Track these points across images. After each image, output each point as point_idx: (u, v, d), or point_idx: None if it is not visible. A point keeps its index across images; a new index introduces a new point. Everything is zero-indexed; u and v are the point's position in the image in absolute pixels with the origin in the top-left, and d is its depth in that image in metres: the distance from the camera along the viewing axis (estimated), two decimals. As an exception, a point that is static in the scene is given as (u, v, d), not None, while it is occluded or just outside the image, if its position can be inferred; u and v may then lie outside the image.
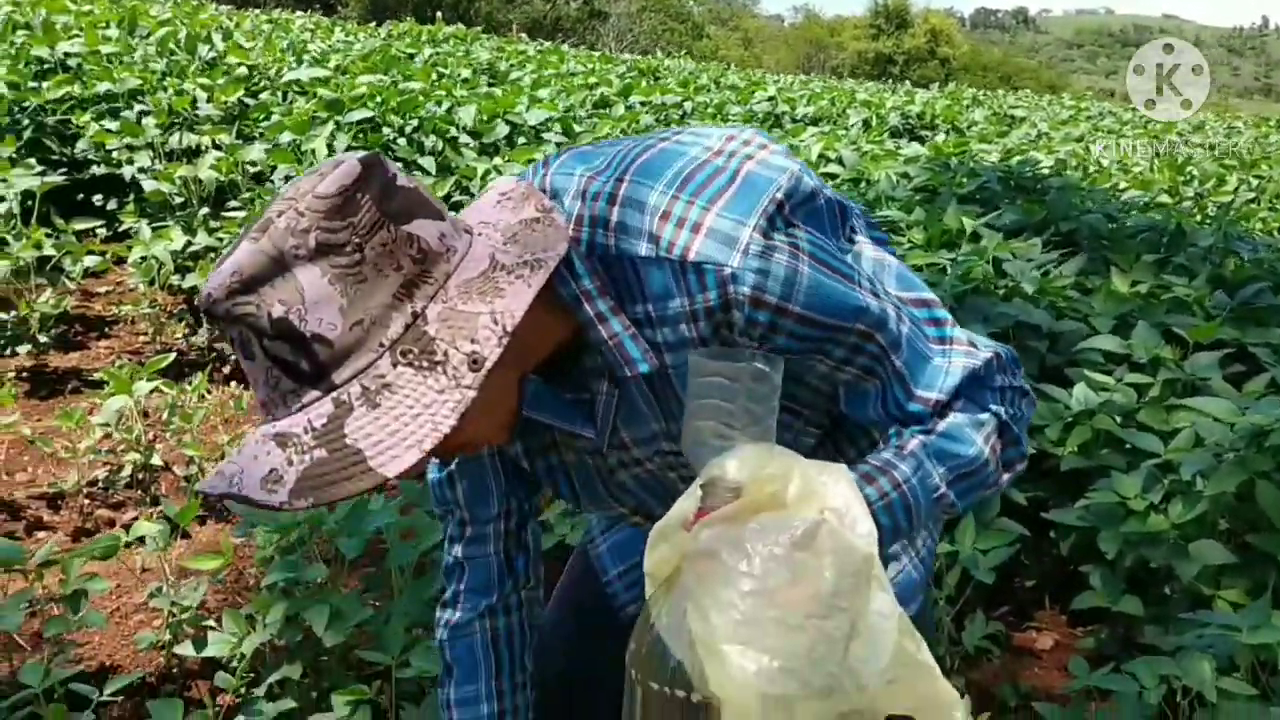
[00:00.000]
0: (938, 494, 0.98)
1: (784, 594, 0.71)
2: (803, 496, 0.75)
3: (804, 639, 0.70)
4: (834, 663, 0.69)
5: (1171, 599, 2.50)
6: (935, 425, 1.01)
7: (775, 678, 0.70)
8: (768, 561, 0.72)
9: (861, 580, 0.72)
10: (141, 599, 2.64)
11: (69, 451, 3.19)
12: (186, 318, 4.43)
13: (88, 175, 5.16)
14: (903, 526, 0.95)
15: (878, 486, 0.94)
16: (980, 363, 1.04)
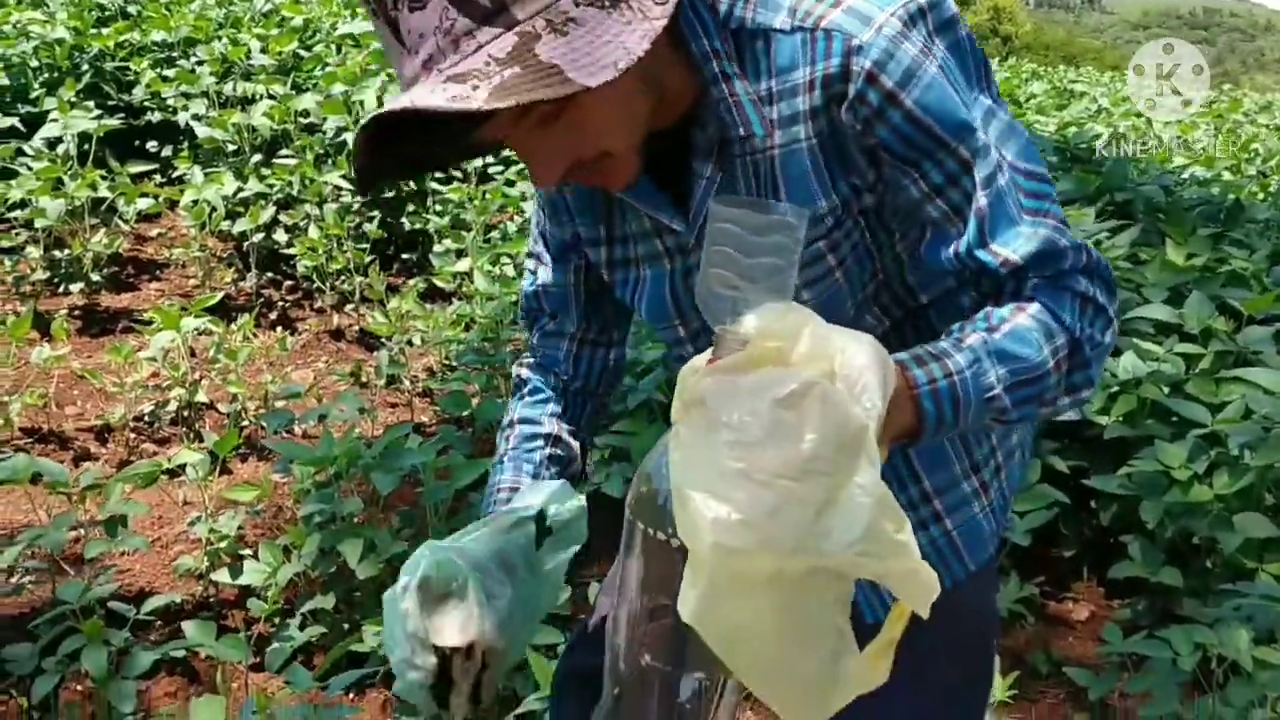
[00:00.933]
0: (990, 394, 0.92)
1: (757, 450, 0.70)
2: (812, 357, 0.73)
3: (769, 497, 0.68)
4: (800, 526, 0.67)
5: (1212, 572, 2.46)
6: (999, 324, 0.95)
7: (732, 529, 0.69)
8: (747, 415, 0.70)
9: (850, 451, 0.69)
10: (181, 529, 2.69)
11: (117, 386, 3.24)
12: (236, 263, 4.48)
13: (143, 121, 5.21)
14: (947, 418, 0.90)
15: (927, 370, 0.90)
16: (1067, 242, 0.98)
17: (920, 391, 0.88)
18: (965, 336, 0.94)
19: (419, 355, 3.79)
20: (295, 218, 4.34)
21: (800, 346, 0.72)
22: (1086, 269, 1.00)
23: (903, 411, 0.86)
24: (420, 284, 4.29)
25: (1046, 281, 0.98)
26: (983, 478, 1.22)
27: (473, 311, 3.55)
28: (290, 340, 3.81)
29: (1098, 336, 0.98)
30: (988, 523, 1.23)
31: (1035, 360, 0.94)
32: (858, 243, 1.06)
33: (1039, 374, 0.94)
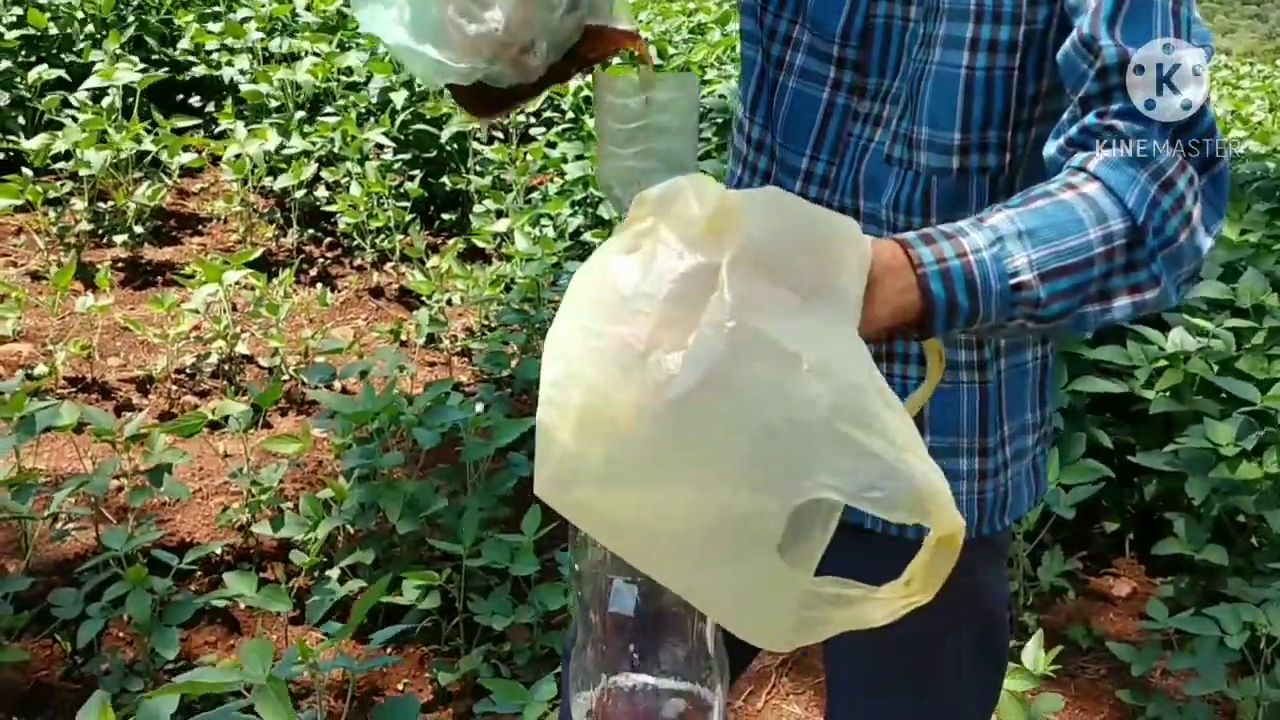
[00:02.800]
0: (1016, 280, 0.80)
1: (588, 306, 0.68)
2: (719, 224, 0.70)
3: (595, 346, 0.66)
4: (632, 373, 0.65)
5: (1258, 550, 2.43)
6: (1036, 198, 0.85)
7: (564, 387, 0.67)
8: (586, 275, 0.69)
9: (696, 288, 0.67)
10: (222, 480, 2.70)
11: (160, 338, 3.26)
12: (277, 218, 4.48)
13: (187, 76, 5.22)
14: (961, 305, 0.79)
15: (935, 249, 0.79)
16: (1197, 84, 0.87)
17: (926, 271, 0.78)
18: (989, 215, 0.83)
19: (458, 315, 3.78)
20: (337, 174, 4.33)
21: (700, 209, 0.69)
22: (1193, 140, 0.88)
23: (903, 292, 0.77)
24: (460, 244, 4.28)
25: (1138, 122, 0.88)
26: (1044, 430, 1.20)
27: (513, 272, 3.54)
28: (330, 296, 3.81)
29: (1170, 231, 0.85)
30: (1028, 482, 1.21)
31: (1076, 243, 0.82)
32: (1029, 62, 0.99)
33: (1081, 260, 0.82)
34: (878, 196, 1.07)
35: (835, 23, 1.07)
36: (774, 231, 0.69)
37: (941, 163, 1.03)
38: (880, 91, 1.07)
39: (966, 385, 1.12)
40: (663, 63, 5.34)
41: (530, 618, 2.10)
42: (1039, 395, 1.17)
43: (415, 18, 0.79)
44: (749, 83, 1.15)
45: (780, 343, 0.65)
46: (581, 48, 0.83)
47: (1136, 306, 0.86)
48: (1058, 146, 0.93)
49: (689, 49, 5.73)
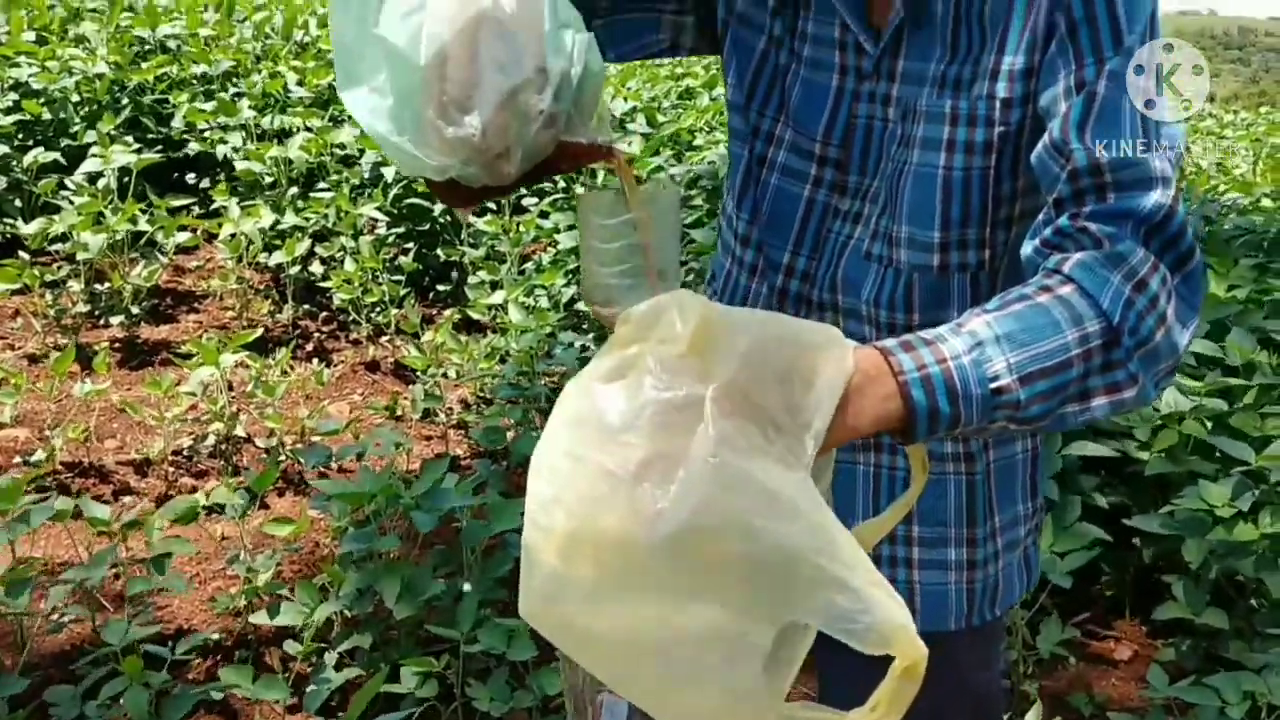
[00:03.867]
0: (996, 384, 0.81)
1: (578, 428, 0.70)
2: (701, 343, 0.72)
3: (581, 472, 0.68)
4: (619, 501, 0.67)
5: (1258, 613, 2.42)
6: (1013, 302, 0.86)
7: (550, 511, 0.69)
8: (574, 397, 0.71)
9: (680, 421, 0.69)
10: (220, 566, 2.70)
11: (157, 419, 3.27)
12: (273, 294, 4.51)
13: (182, 154, 5.28)
14: (943, 411, 0.80)
15: (915, 356, 0.80)
16: (1165, 187, 0.90)
17: (907, 379, 0.79)
18: (967, 320, 0.85)
19: (454, 387, 3.80)
20: (331, 249, 4.37)
21: (684, 328, 0.70)
22: (1165, 240, 0.90)
23: (884, 400, 0.79)
24: (455, 315, 4.31)
25: (1110, 224, 0.90)
26: (1035, 521, 1.21)
27: (507, 344, 3.56)
28: (326, 373, 3.83)
29: (1145, 331, 0.86)
30: (1019, 573, 1.22)
31: (1054, 345, 0.84)
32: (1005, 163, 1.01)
33: (1059, 362, 0.83)
34: (857, 293, 1.09)
35: (817, 122, 1.10)
36: (754, 362, 0.71)
37: (922, 260, 1.05)
38: (860, 189, 1.09)
39: (954, 477, 1.14)
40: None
41: (529, 703, 2.09)
42: (1029, 487, 1.18)
43: (396, 110, 0.82)
44: (736, 178, 1.18)
45: (760, 480, 0.67)
46: (555, 158, 0.85)
47: (1115, 405, 0.88)
48: (1033, 247, 0.95)
49: (678, 115, 5.80)
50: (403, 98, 0.81)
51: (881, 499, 1.14)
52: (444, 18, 0.79)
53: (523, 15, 0.80)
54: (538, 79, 0.80)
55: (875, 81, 1.07)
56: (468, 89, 0.79)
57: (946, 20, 1.02)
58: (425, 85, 0.79)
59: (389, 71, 0.81)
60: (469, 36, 0.79)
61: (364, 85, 0.84)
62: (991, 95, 1.00)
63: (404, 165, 0.83)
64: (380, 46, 0.80)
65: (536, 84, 0.80)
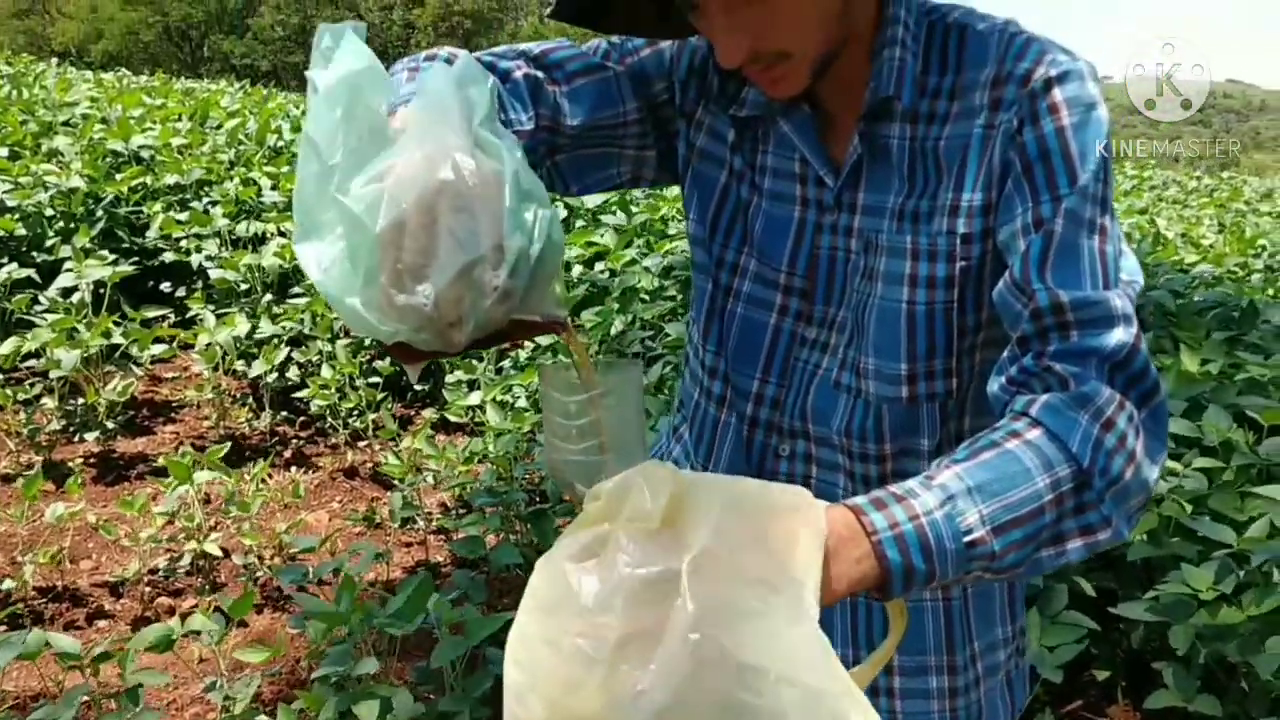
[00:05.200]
0: (970, 537, 0.81)
1: (551, 609, 0.68)
2: (674, 515, 0.71)
3: (557, 658, 0.66)
4: (596, 684, 0.65)
5: (1249, 696, 2.39)
6: (982, 450, 0.86)
7: (526, 701, 0.67)
8: (544, 579, 0.69)
9: (656, 596, 0.67)
10: (197, 691, 2.64)
11: (131, 540, 3.23)
12: (250, 402, 4.50)
13: (157, 263, 5.30)
14: (918, 568, 0.79)
15: (887, 514, 0.80)
16: (1125, 325, 0.90)
17: (881, 538, 0.79)
18: (937, 472, 0.84)
19: (433, 491, 3.77)
20: (308, 354, 4.37)
21: (654, 503, 0.69)
22: (1129, 377, 0.90)
23: (859, 561, 0.78)
24: (433, 417, 4.29)
25: (1074, 364, 0.90)
26: (1017, 645, 1.20)
27: (485, 447, 3.55)
28: (304, 482, 3.80)
29: (1115, 470, 0.86)
30: (1003, 698, 1.20)
31: (1026, 493, 0.83)
32: (967, 297, 1.02)
33: (1032, 510, 0.83)
34: (827, 421, 1.09)
35: (781, 253, 1.10)
36: (730, 528, 0.70)
37: (890, 392, 1.05)
38: (826, 319, 1.09)
39: (930, 604, 1.12)
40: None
41: (515, 825, 2.04)
42: (1008, 610, 1.16)
43: (349, 272, 0.80)
44: (701, 310, 1.18)
45: (744, 655, 0.66)
46: (508, 329, 0.84)
47: (1089, 547, 0.87)
48: (1000, 385, 0.95)
49: (651, 205, 5.86)
50: (356, 261, 0.80)
51: (859, 629, 1.13)
52: (405, 185, 0.78)
53: (485, 190, 0.80)
54: (494, 255, 0.79)
55: (836, 214, 1.08)
56: (423, 259, 0.78)
57: (903, 156, 1.03)
58: (380, 251, 0.78)
59: (345, 233, 0.80)
60: (428, 206, 0.78)
61: (320, 241, 0.83)
62: (951, 230, 1.00)
63: (354, 325, 0.82)
64: (337, 209, 0.80)
65: (493, 260, 0.79)
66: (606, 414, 0.76)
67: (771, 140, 1.11)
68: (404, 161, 0.78)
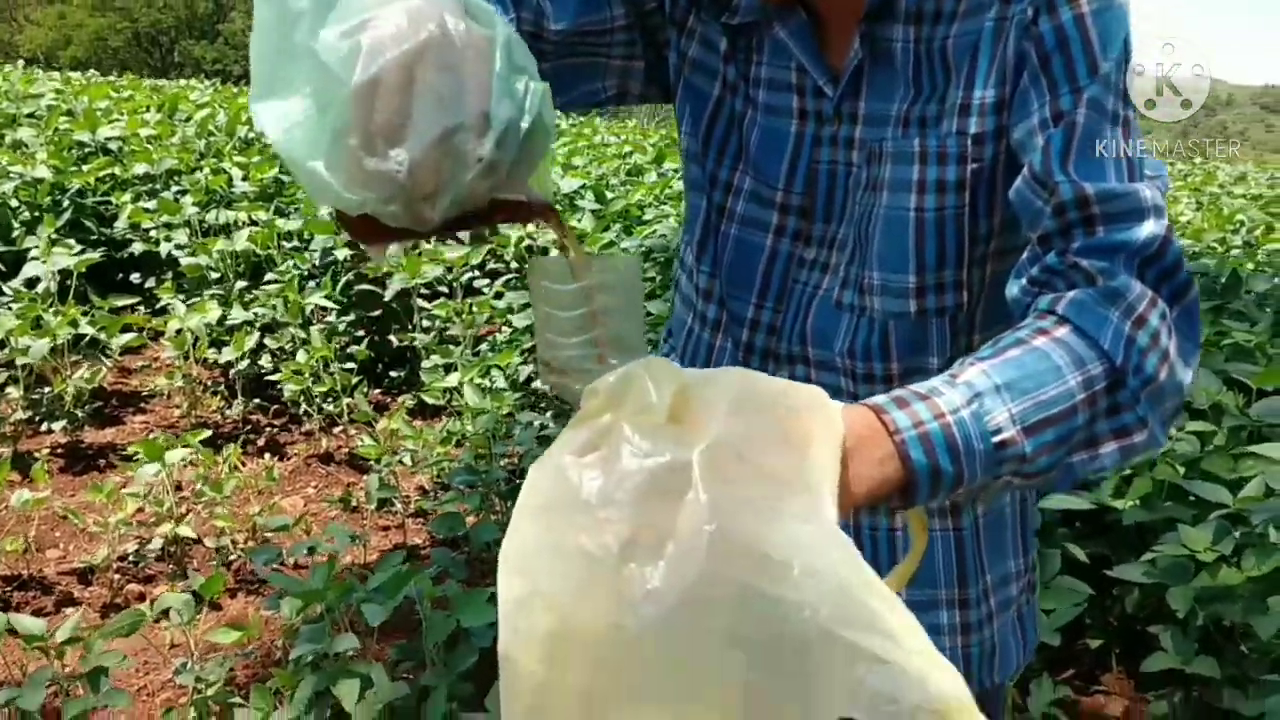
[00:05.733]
0: (999, 438, 0.75)
1: (550, 509, 0.61)
2: (681, 412, 0.64)
3: (558, 560, 0.59)
4: (602, 587, 0.58)
5: (1249, 659, 2.34)
6: (1009, 348, 0.80)
7: (526, 610, 0.60)
8: (545, 478, 0.63)
9: (665, 488, 0.60)
10: (168, 675, 2.56)
11: (100, 525, 3.14)
12: (222, 390, 4.40)
13: (125, 254, 5.19)
14: (945, 470, 0.73)
15: (910, 412, 0.74)
16: (1155, 216, 0.84)
17: (904, 437, 0.73)
18: (961, 370, 0.79)
19: (410, 475, 3.69)
20: (280, 341, 4.28)
21: (660, 398, 0.63)
22: (1161, 272, 0.84)
23: (881, 463, 0.72)
24: (410, 401, 4.21)
25: (1102, 259, 0.84)
26: (1029, 579, 1.14)
27: (463, 428, 3.47)
28: (278, 469, 3.71)
29: (1150, 370, 0.81)
30: (1015, 635, 1.14)
31: (1056, 392, 0.77)
32: (979, 201, 0.96)
33: (1064, 409, 0.77)
34: (829, 344, 1.03)
35: (777, 170, 1.04)
36: (742, 421, 0.64)
37: (898, 307, 0.99)
38: (826, 238, 1.03)
39: (940, 533, 1.06)
40: (601, 207, 5.39)
41: (501, 802, 1.96)
42: (1020, 541, 1.11)
43: (314, 131, 0.72)
44: (695, 230, 1.12)
45: (764, 547, 0.59)
46: (487, 210, 0.77)
47: (1125, 452, 0.82)
48: (1020, 287, 0.89)
49: (627, 192, 5.80)
50: (324, 118, 0.71)
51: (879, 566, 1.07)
52: (387, 38, 0.70)
53: (473, 52, 0.72)
54: (479, 123, 0.71)
55: (836, 125, 1.01)
56: (400, 119, 0.70)
57: (907, 59, 0.97)
58: (352, 107, 0.70)
59: (313, 88, 0.71)
60: (409, 64, 0.70)
61: (281, 99, 0.73)
62: (962, 131, 0.94)
63: (315, 193, 0.73)
64: (308, 60, 0.71)
65: (477, 128, 0.71)
66: (604, 306, 0.69)
67: (766, 50, 1.05)
68: (387, 13, 0.70)
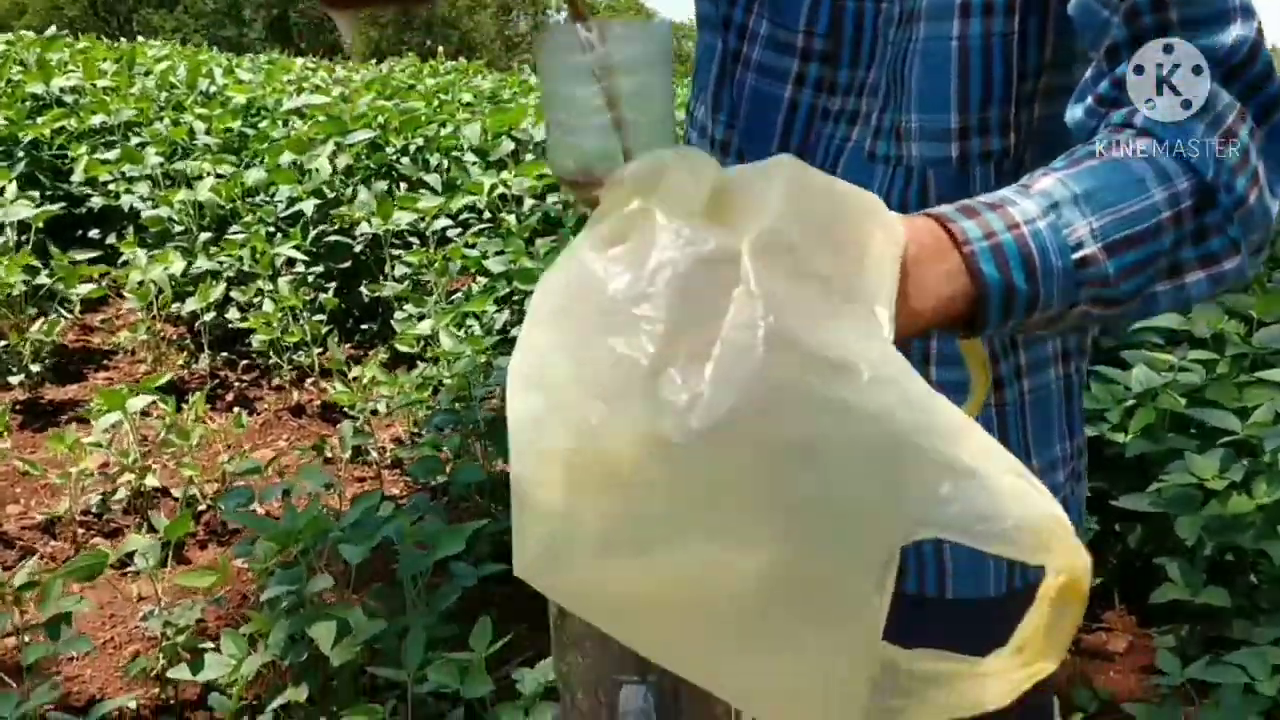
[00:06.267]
0: (1080, 254, 0.66)
1: (570, 310, 0.51)
2: (722, 205, 0.53)
3: (582, 368, 0.49)
4: (637, 396, 0.48)
5: (1259, 589, 2.28)
6: (1087, 157, 0.70)
7: (543, 428, 0.50)
8: (557, 271, 0.52)
9: (708, 281, 0.50)
10: (136, 626, 2.44)
11: (62, 477, 3.00)
12: (188, 345, 4.26)
13: (85, 209, 5.01)
14: (1020, 288, 0.64)
15: (981, 222, 0.64)
16: (1244, 21, 0.73)
17: (974, 249, 0.63)
18: (1034, 180, 0.69)
19: (385, 426, 3.57)
20: (248, 294, 4.13)
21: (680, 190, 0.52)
22: (1249, 83, 0.73)
23: (948, 277, 0.62)
24: (383, 353, 4.09)
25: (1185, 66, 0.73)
26: (1075, 466, 1.04)
27: (440, 373, 3.35)
28: (247, 419, 3.58)
29: (1240, 189, 0.71)
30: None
31: (1140, 207, 0.68)
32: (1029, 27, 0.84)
33: (1149, 227, 0.68)
34: None
35: (797, 11, 0.93)
36: (795, 214, 0.53)
37: (938, 152, 0.88)
38: (854, 85, 0.93)
39: (981, 417, 0.96)
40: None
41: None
42: (1066, 423, 1.01)
43: None
44: (708, 76, 1.01)
45: (828, 350, 0.49)
46: None
47: (1213, 281, 0.72)
48: (1085, 108, 0.78)
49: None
50: None
51: None
52: None
53: None
54: None
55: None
56: None
57: None
58: None
59: None
60: None
61: None
62: None
63: None
64: None
65: None
66: (628, 80, 0.58)
67: None
68: None
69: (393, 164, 5.01)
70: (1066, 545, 0.49)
